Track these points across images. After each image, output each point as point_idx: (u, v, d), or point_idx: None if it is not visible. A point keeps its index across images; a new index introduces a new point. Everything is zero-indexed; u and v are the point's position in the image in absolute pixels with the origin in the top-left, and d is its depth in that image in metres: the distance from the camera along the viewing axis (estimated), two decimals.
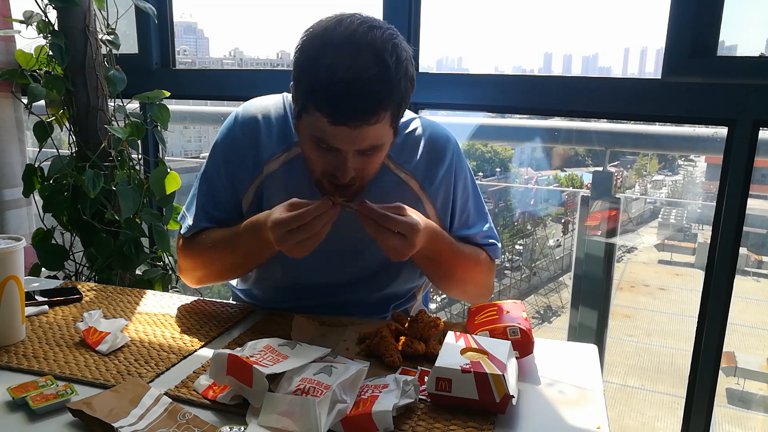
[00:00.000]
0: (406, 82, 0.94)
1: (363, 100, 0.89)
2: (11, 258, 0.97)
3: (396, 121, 0.98)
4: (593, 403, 0.85)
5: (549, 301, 10.60)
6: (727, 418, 6.02)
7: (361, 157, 0.97)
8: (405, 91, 0.94)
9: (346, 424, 0.75)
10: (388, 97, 0.91)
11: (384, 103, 0.91)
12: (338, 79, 0.88)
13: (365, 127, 0.91)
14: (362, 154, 0.97)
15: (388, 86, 0.91)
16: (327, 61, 0.89)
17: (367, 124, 0.91)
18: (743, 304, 7.39)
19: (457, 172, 1.15)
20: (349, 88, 0.88)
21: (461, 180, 1.16)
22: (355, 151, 0.96)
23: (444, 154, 1.14)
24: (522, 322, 0.94)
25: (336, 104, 0.90)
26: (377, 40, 0.91)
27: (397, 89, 0.92)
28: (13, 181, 1.76)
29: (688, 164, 11.80)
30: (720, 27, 1.34)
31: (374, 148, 0.97)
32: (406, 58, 0.94)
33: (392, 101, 0.92)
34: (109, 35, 1.68)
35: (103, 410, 0.77)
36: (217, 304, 1.20)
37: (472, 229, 1.18)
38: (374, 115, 0.91)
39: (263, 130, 1.11)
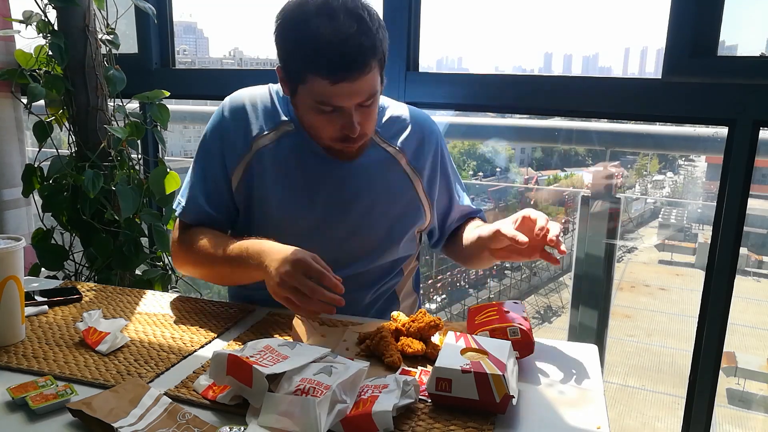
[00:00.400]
0: (382, 31, 1.04)
1: (354, 53, 0.99)
2: (11, 258, 0.97)
3: (383, 69, 1.07)
4: (593, 403, 0.85)
5: (549, 301, 10.59)
6: (728, 418, 6.02)
7: (362, 111, 1.06)
8: (384, 40, 1.05)
9: (346, 424, 0.75)
10: (373, 47, 1.01)
11: (371, 53, 1.01)
12: (328, 42, 0.98)
13: (362, 78, 1.01)
14: (361, 107, 1.06)
15: (371, 37, 1.01)
16: (312, 30, 0.99)
17: (362, 75, 1.01)
18: (744, 304, 7.38)
19: (443, 153, 1.27)
20: (341, 47, 0.98)
21: (448, 161, 1.29)
22: (356, 105, 1.05)
23: (432, 135, 1.24)
24: (522, 323, 0.94)
25: (333, 64, 0.99)
26: (348, 2, 1.01)
27: (378, 39, 1.02)
28: (12, 181, 1.76)
29: (689, 164, 11.79)
30: (720, 27, 1.33)
31: (371, 97, 1.05)
32: (375, 12, 1.05)
33: (377, 50, 1.02)
34: (108, 35, 1.68)
35: (102, 410, 0.77)
36: (217, 304, 1.20)
37: (465, 203, 1.31)
38: (366, 66, 1.01)
39: (250, 112, 1.19)
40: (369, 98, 1.05)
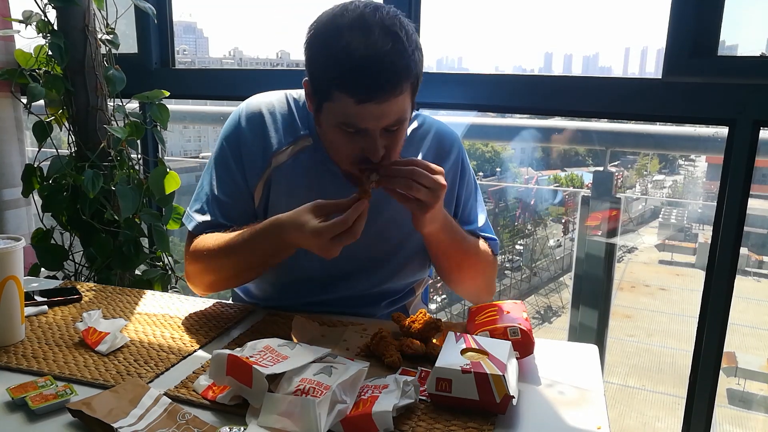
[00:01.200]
0: (419, 53, 0.98)
1: (385, 74, 0.93)
2: (11, 258, 0.96)
3: (414, 94, 1.01)
4: (593, 404, 0.85)
5: (549, 301, 10.60)
6: (728, 418, 6.02)
7: (387, 135, 1.00)
8: (419, 62, 0.98)
9: (346, 424, 0.75)
10: (406, 68, 0.95)
11: (404, 75, 0.95)
12: (358, 58, 0.92)
13: (390, 101, 0.95)
14: (387, 131, 1.00)
15: (405, 58, 0.94)
16: (343, 44, 0.93)
17: (392, 97, 0.95)
18: (744, 304, 7.38)
19: (463, 167, 1.21)
20: (371, 65, 0.92)
21: (466, 176, 1.22)
22: (382, 129, 0.98)
23: (451, 148, 1.20)
24: (522, 323, 0.94)
25: (360, 82, 0.93)
26: (385, 18, 0.95)
27: (413, 60, 0.96)
28: (12, 181, 1.76)
29: (689, 164, 11.80)
30: (720, 27, 1.33)
31: (399, 123, 1.00)
32: (413, 32, 0.98)
33: (411, 72, 0.96)
34: (108, 35, 1.68)
35: (102, 410, 0.77)
36: (217, 304, 1.20)
37: (475, 223, 1.22)
38: (397, 87, 0.94)
39: (269, 123, 1.14)
40: (396, 123, 0.99)
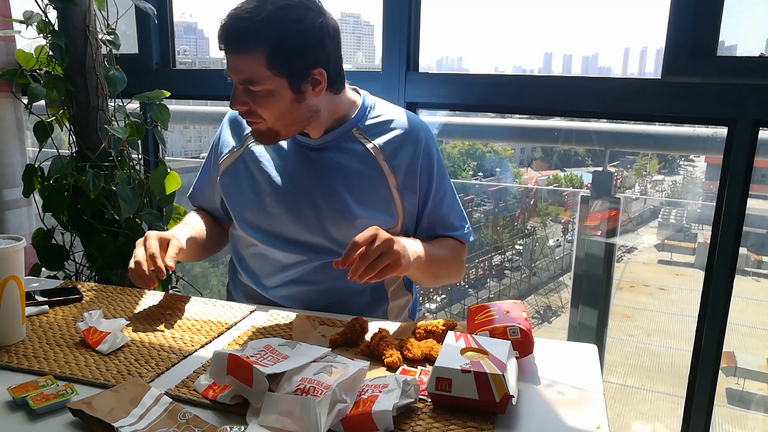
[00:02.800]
0: (281, 31, 1.07)
1: (234, 29, 1.08)
2: (11, 258, 0.97)
3: (276, 67, 1.09)
4: (593, 403, 0.85)
5: (549, 301, 10.59)
6: (727, 418, 6.02)
7: (250, 95, 1.12)
8: (278, 38, 1.07)
9: (346, 424, 0.76)
10: (254, 33, 1.07)
11: (249, 37, 1.07)
12: (228, 15, 1.09)
13: (238, 56, 1.09)
14: (249, 91, 1.11)
15: (256, 24, 1.07)
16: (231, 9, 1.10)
17: (236, 52, 1.09)
18: (743, 304, 7.38)
19: (430, 158, 1.26)
20: (229, 20, 1.09)
21: (434, 168, 1.27)
22: (244, 87, 1.11)
23: (416, 135, 1.25)
24: (522, 322, 0.94)
25: (220, 30, 1.10)
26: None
27: (264, 30, 1.07)
28: (13, 181, 1.76)
29: (688, 164, 11.79)
30: (720, 27, 1.33)
31: (252, 84, 1.10)
32: (293, 17, 1.08)
33: (259, 38, 1.07)
34: (109, 35, 1.68)
35: (103, 410, 0.77)
36: (217, 304, 1.20)
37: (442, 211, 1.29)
38: (239, 44, 1.08)
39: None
40: (248, 82, 1.10)
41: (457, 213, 1.32)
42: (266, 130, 1.17)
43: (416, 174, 1.24)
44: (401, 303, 1.36)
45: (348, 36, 21.80)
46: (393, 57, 1.60)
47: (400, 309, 1.36)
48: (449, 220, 1.29)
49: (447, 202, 1.29)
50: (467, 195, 8.66)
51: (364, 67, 14.23)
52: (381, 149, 1.22)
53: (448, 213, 1.29)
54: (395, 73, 1.60)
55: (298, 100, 1.13)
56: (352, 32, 21.80)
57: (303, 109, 1.15)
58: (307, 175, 1.23)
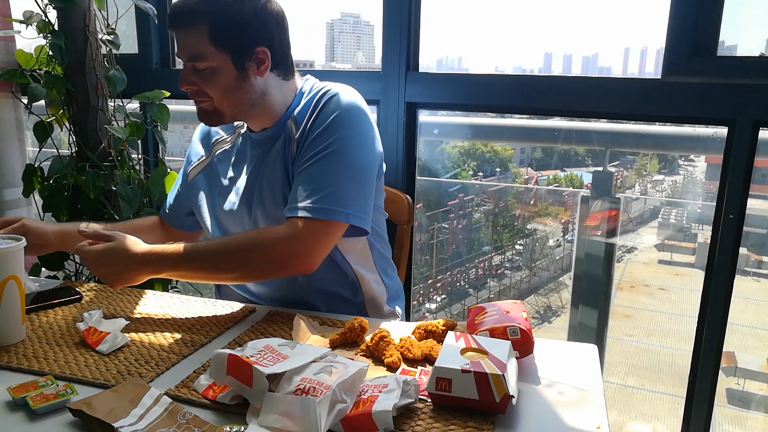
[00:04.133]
0: (221, 8, 1.11)
1: (179, 7, 1.13)
2: (11, 258, 0.97)
3: (218, 43, 1.12)
4: (593, 403, 0.85)
5: (549, 301, 10.59)
6: (727, 418, 6.01)
7: (196, 73, 1.14)
8: (217, 14, 1.11)
9: (346, 424, 0.75)
10: (197, 9, 1.11)
11: (191, 13, 1.11)
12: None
13: (183, 33, 1.13)
14: (195, 69, 1.14)
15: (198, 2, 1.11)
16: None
17: (179, 28, 1.13)
18: (743, 304, 7.37)
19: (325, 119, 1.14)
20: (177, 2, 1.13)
21: (323, 130, 1.13)
22: (192, 66, 1.14)
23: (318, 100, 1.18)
24: (522, 322, 0.94)
25: (170, 11, 1.14)
26: None
27: (209, 6, 1.10)
28: (13, 181, 1.76)
29: (688, 164, 11.79)
30: (720, 27, 1.33)
31: (196, 61, 1.13)
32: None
33: (202, 14, 1.10)
34: (109, 35, 1.68)
35: (103, 410, 0.77)
36: (217, 304, 1.20)
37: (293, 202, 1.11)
38: (182, 21, 1.12)
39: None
40: (193, 59, 1.13)
41: (306, 189, 1.10)
42: (212, 109, 1.18)
43: (307, 133, 1.16)
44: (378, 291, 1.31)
45: (348, 36, 21.78)
46: (393, 57, 1.60)
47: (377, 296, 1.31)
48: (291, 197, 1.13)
49: (305, 175, 1.12)
50: (467, 195, 8.65)
51: (364, 67, 14.22)
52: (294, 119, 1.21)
53: (295, 188, 1.13)
54: (395, 73, 1.60)
55: (241, 77, 1.15)
56: (352, 32, 21.78)
57: (247, 88, 1.16)
58: (256, 175, 1.23)
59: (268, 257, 1.10)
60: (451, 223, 8.53)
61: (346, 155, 1.13)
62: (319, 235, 1.10)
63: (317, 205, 1.09)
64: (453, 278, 9.28)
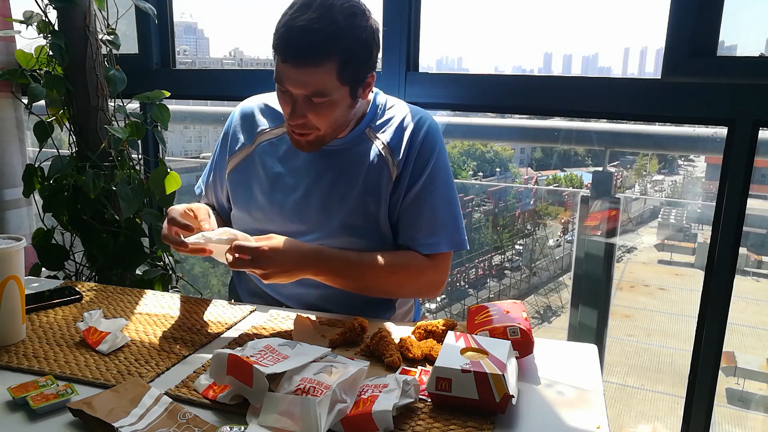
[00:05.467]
0: (353, 41, 1.06)
1: (305, 42, 1.04)
2: (11, 258, 0.97)
3: (345, 77, 1.08)
4: (593, 403, 0.85)
5: (549, 301, 10.59)
6: (727, 418, 6.02)
7: (311, 106, 1.09)
8: (350, 49, 1.06)
9: (346, 424, 0.76)
10: (328, 45, 1.04)
11: (323, 50, 1.04)
12: (290, 26, 1.05)
13: (307, 69, 1.05)
14: (310, 102, 1.09)
15: (329, 36, 1.04)
16: (288, 16, 1.07)
17: (308, 66, 1.05)
18: (743, 304, 7.37)
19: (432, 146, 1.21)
20: (297, 32, 1.04)
21: (434, 173, 1.20)
22: (305, 97, 1.09)
23: (418, 127, 1.21)
24: (522, 322, 0.94)
25: (285, 43, 1.06)
26: (335, 4, 1.05)
27: (339, 41, 1.04)
28: (13, 181, 1.76)
29: (688, 164, 11.79)
30: (720, 27, 1.33)
31: (319, 96, 1.08)
32: (360, 25, 1.07)
33: (333, 51, 1.05)
34: (109, 35, 1.68)
35: (103, 410, 0.77)
36: (217, 304, 1.20)
37: (419, 229, 1.20)
38: (312, 58, 1.04)
39: (257, 113, 1.30)
40: (315, 95, 1.08)
41: (432, 223, 1.20)
42: (316, 138, 1.14)
43: (408, 168, 1.19)
44: (405, 309, 1.36)
45: None
46: (393, 57, 1.60)
47: (403, 316, 1.36)
48: (413, 228, 1.20)
49: (426, 207, 1.20)
50: (467, 195, 8.66)
51: None
52: (388, 145, 1.21)
53: (417, 219, 1.20)
54: (395, 73, 1.60)
55: (352, 105, 1.14)
56: None
57: (352, 113, 1.16)
58: (319, 178, 1.21)
59: (426, 285, 1.23)
60: None
61: (452, 183, 1.25)
62: (449, 264, 1.25)
63: (455, 238, 1.22)
64: (453, 278, 9.29)
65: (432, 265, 1.20)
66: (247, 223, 1.27)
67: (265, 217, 1.25)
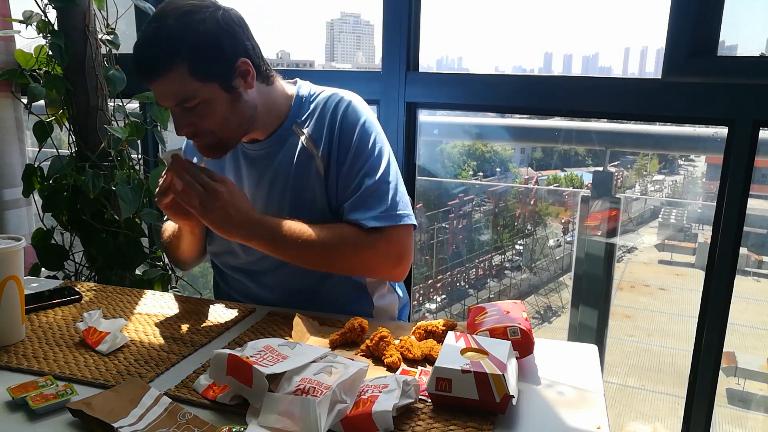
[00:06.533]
0: (192, 38, 1.04)
1: (146, 58, 1.05)
2: (11, 258, 0.97)
3: (201, 74, 1.06)
4: (593, 403, 0.85)
5: (549, 301, 10.59)
6: (728, 418, 6.02)
7: (190, 114, 1.09)
8: (192, 47, 1.04)
9: (346, 424, 0.75)
10: (165, 52, 1.04)
11: (163, 58, 1.04)
12: (135, 47, 1.06)
13: (160, 81, 1.05)
14: (187, 110, 1.08)
15: (163, 43, 1.04)
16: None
17: (158, 78, 1.05)
18: (743, 304, 7.38)
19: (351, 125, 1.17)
20: (138, 51, 1.06)
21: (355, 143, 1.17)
22: (182, 108, 1.08)
23: (335, 110, 1.19)
24: (522, 322, 0.94)
25: (134, 64, 1.06)
26: (167, 10, 1.05)
27: (175, 44, 1.03)
28: (12, 181, 1.76)
29: (688, 164, 11.80)
30: (720, 27, 1.33)
31: (186, 101, 1.07)
32: (196, 20, 1.04)
33: (173, 55, 1.03)
34: (108, 35, 1.68)
35: (103, 410, 0.77)
36: (217, 304, 1.20)
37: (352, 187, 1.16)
38: (157, 69, 1.04)
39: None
40: (182, 101, 1.07)
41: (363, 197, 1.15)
42: (215, 142, 1.13)
43: (333, 146, 1.17)
44: (386, 303, 1.32)
45: (348, 36, 21.79)
46: (393, 57, 1.60)
47: (386, 310, 1.32)
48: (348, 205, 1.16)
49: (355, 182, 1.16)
50: (467, 195, 8.66)
51: (364, 67, 14.20)
52: (311, 138, 1.18)
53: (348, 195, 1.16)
54: (395, 73, 1.60)
55: (234, 98, 1.10)
56: (352, 32, 21.79)
57: (243, 107, 1.12)
58: (255, 188, 1.22)
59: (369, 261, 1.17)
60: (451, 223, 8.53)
61: (384, 156, 1.19)
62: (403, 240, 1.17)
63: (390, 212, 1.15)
64: (453, 278, 9.29)
65: (372, 241, 1.13)
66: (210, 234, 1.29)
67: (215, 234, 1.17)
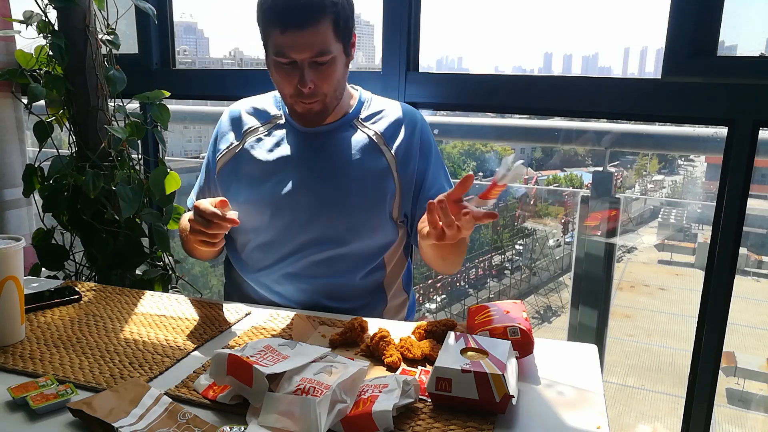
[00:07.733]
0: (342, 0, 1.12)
1: (299, 5, 1.09)
2: (11, 258, 0.97)
3: (339, 35, 1.13)
4: (593, 403, 0.85)
5: (549, 301, 10.60)
6: (727, 418, 6.02)
7: (317, 69, 1.14)
8: (338, 5, 1.12)
9: (346, 424, 0.75)
10: (321, 3, 1.09)
11: (318, 8, 1.09)
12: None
13: (308, 31, 1.10)
14: (315, 66, 1.13)
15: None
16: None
17: (308, 27, 1.09)
18: (743, 304, 7.38)
19: (424, 139, 1.29)
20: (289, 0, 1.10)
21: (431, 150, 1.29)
22: (310, 62, 1.13)
23: (411, 121, 1.29)
24: (522, 322, 0.94)
25: (282, 12, 1.10)
26: None
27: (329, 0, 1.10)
28: (13, 181, 1.76)
29: (688, 164, 11.81)
30: (720, 27, 1.33)
31: (323, 55, 1.12)
32: None
33: (326, 7, 1.10)
34: (109, 35, 1.68)
35: (103, 410, 0.77)
36: (217, 304, 1.20)
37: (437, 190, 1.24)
38: (312, 17, 1.09)
39: (245, 114, 1.34)
40: (320, 54, 1.12)
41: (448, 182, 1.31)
42: (320, 108, 1.19)
43: (414, 156, 1.26)
44: (397, 303, 1.36)
45: None
46: (393, 57, 1.60)
47: (396, 310, 1.36)
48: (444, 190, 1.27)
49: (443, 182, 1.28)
50: (467, 195, 8.65)
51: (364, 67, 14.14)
52: (381, 135, 1.26)
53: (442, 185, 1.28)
54: (395, 73, 1.60)
55: (347, 65, 1.20)
56: None
57: (346, 77, 1.21)
58: (310, 165, 1.24)
59: None
60: None
61: None
62: None
63: None
64: (453, 278, 9.29)
65: None
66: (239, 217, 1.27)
67: (256, 209, 1.25)
